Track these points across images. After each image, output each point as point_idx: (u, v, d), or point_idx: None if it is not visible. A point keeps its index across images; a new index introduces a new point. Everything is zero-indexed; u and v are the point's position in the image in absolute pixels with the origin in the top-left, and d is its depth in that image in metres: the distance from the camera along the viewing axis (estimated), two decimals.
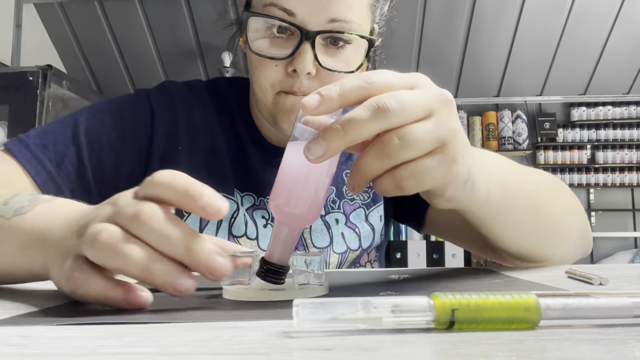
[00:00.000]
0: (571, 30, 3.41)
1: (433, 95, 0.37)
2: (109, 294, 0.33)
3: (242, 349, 0.23)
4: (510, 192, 0.51)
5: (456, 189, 0.40)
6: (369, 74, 0.36)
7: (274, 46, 0.61)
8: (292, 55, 0.59)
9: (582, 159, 3.94)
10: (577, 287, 0.43)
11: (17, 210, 0.42)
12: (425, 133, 0.35)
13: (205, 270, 0.33)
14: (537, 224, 0.56)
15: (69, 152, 0.64)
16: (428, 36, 3.45)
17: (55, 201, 0.44)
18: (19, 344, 0.24)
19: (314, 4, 0.58)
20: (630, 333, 0.25)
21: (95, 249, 0.32)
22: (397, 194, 0.37)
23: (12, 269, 0.41)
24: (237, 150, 0.73)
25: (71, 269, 0.33)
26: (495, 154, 0.55)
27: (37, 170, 0.62)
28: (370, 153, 0.36)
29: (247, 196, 0.71)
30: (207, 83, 0.78)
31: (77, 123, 0.66)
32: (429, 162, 0.36)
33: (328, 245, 0.72)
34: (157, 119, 0.70)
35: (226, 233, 0.69)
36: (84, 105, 2.89)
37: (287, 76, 0.61)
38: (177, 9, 3.37)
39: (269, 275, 0.38)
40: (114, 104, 0.70)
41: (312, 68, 0.60)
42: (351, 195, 0.75)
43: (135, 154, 0.68)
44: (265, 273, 0.38)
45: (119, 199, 0.35)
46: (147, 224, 0.32)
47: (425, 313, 0.26)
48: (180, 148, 0.70)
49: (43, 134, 0.65)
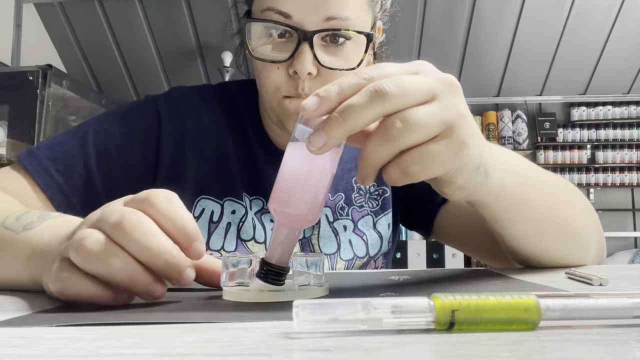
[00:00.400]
0: (571, 30, 3.41)
1: (436, 79, 0.36)
2: (98, 294, 0.34)
3: (242, 350, 0.23)
4: (525, 184, 0.49)
5: (468, 176, 0.39)
6: (367, 70, 0.36)
7: (274, 50, 0.62)
8: (292, 57, 0.60)
9: (582, 158, 3.94)
10: (577, 288, 0.43)
11: (27, 225, 0.45)
12: (429, 115, 0.35)
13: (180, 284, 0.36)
14: (553, 221, 0.53)
15: (78, 164, 0.65)
16: (428, 36, 3.45)
17: (62, 217, 0.46)
18: (19, 345, 0.24)
19: (308, 5, 0.59)
20: (630, 334, 0.25)
21: (79, 254, 0.33)
22: (404, 181, 0.36)
23: (18, 279, 0.43)
24: (246, 154, 0.73)
25: (59, 270, 0.35)
26: (504, 147, 0.53)
27: (47, 183, 0.63)
28: (373, 139, 0.35)
29: (255, 200, 0.72)
30: (216, 87, 0.78)
31: (86, 134, 0.67)
32: (436, 146, 0.35)
33: (335, 252, 0.72)
34: (165, 126, 0.70)
35: (234, 237, 0.69)
36: (84, 104, 2.91)
37: (290, 78, 0.61)
38: (177, 9, 3.37)
39: (269, 276, 0.38)
40: (121, 113, 0.71)
41: (313, 68, 0.60)
42: (360, 202, 0.75)
43: (143, 162, 0.69)
44: (265, 274, 0.38)
45: (107, 206, 0.37)
46: (130, 234, 0.34)
47: (425, 314, 0.26)
48: (187, 155, 0.70)
49: (53, 146, 0.66)
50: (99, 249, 0.33)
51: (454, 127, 0.36)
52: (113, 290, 0.35)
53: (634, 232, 3.88)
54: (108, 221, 0.34)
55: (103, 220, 0.35)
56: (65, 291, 0.34)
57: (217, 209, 0.70)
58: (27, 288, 0.43)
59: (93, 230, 0.34)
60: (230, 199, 0.70)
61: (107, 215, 0.35)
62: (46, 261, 0.38)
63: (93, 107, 2.99)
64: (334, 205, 0.74)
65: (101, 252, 0.33)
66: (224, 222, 0.69)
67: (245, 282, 0.38)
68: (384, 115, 0.35)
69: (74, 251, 0.34)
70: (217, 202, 0.70)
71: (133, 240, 0.34)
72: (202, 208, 0.69)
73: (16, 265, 0.43)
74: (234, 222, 0.70)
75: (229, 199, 0.70)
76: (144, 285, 0.34)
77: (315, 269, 0.39)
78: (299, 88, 0.61)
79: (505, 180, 0.45)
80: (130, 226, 0.34)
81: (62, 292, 0.34)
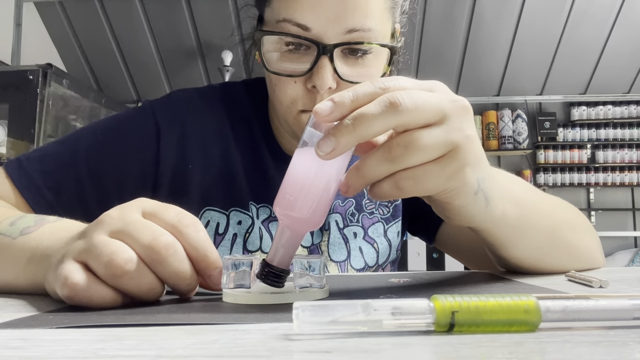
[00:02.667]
0: (571, 29, 3.41)
1: (449, 100, 0.36)
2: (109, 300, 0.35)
3: (242, 352, 0.23)
4: (527, 211, 0.49)
5: (465, 200, 0.39)
6: (383, 80, 0.36)
7: (291, 62, 0.58)
8: (311, 71, 0.57)
9: (582, 158, 3.94)
10: (577, 290, 0.43)
11: (23, 230, 0.44)
12: (434, 139, 0.35)
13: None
14: (555, 246, 0.53)
15: (69, 179, 0.63)
16: (428, 36, 3.45)
17: (61, 221, 0.46)
18: (19, 346, 0.24)
19: (328, 16, 0.55)
20: (630, 335, 0.25)
21: (109, 270, 0.34)
22: (396, 196, 0.36)
23: (18, 282, 0.43)
24: (254, 161, 0.70)
25: (68, 275, 0.34)
26: (510, 173, 0.52)
27: (37, 200, 0.61)
28: (375, 155, 0.35)
29: (263, 208, 0.69)
30: (221, 88, 0.74)
31: (79, 144, 0.65)
32: (432, 165, 0.35)
33: (345, 259, 0.70)
34: (164, 135, 0.67)
35: (241, 248, 0.68)
36: (84, 104, 2.91)
37: (308, 92, 0.59)
38: (177, 8, 3.37)
39: (269, 278, 0.38)
40: (116, 123, 0.68)
41: (333, 82, 0.57)
42: (370, 208, 0.73)
43: (140, 174, 0.66)
44: (265, 275, 0.38)
45: (127, 213, 0.37)
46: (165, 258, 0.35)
47: (425, 315, 0.26)
48: (190, 166, 0.67)
49: (44, 158, 0.63)
50: (132, 269, 0.34)
51: (457, 150, 0.36)
52: (121, 295, 0.35)
53: (634, 232, 3.88)
54: (139, 239, 0.34)
55: (132, 236, 0.35)
56: (75, 297, 0.34)
57: (222, 220, 0.67)
58: (26, 292, 0.43)
59: (121, 245, 0.34)
60: (236, 209, 0.68)
61: (136, 231, 0.35)
62: (49, 264, 0.38)
63: (93, 107, 2.99)
64: (345, 212, 0.71)
65: (134, 272, 0.34)
66: (230, 233, 0.67)
67: (246, 284, 0.38)
68: (395, 127, 0.35)
69: (103, 266, 0.33)
70: (223, 213, 0.67)
71: (167, 264, 0.35)
72: (208, 220, 0.67)
73: (15, 270, 0.43)
74: (240, 233, 0.67)
75: (234, 209, 0.68)
76: (158, 297, 0.37)
77: (316, 271, 0.39)
78: (316, 102, 0.58)
79: (507, 207, 0.45)
80: (165, 251, 0.35)
81: (72, 298, 0.34)
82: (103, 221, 0.36)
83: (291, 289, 0.39)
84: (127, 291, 0.35)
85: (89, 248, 0.34)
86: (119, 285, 0.34)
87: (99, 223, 0.36)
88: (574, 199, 3.94)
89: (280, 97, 0.60)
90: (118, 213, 0.36)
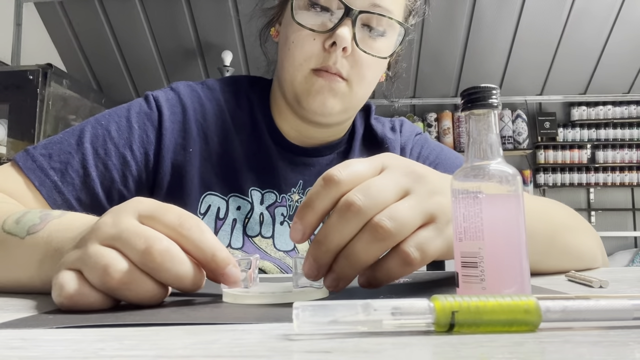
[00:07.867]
0: (571, 30, 3.41)
1: (402, 174, 0.38)
2: (107, 304, 0.35)
3: (242, 352, 0.23)
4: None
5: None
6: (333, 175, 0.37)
7: (315, 21, 0.64)
8: (333, 30, 0.63)
9: (582, 158, 3.94)
10: (577, 290, 0.43)
11: (30, 229, 0.44)
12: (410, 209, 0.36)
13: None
14: (555, 250, 0.54)
15: (74, 161, 0.64)
16: (428, 36, 3.45)
17: (65, 217, 0.45)
18: (19, 346, 0.24)
19: None
20: (630, 335, 0.25)
21: (104, 283, 0.33)
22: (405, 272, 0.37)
23: (32, 283, 0.43)
24: (257, 148, 0.72)
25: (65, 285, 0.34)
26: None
27: (42, 180, 0.62)
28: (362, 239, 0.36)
29: (268, 193, 0.72)
30: (223, 80, 0.77)
31: (83, 131, 0.66)
32: (426, 232, 0.37)
33: None
34: (166, 121, 0.69)
35: (241, 234, 0.69)
36: (84, 103, 2.91)
37: (323, 51, 0.64)
38: (177, 8, 3.37)
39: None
40: (120, 110, 0.70)
41: (350, 44, 0.62)
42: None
43: (144, 158, 0.68)
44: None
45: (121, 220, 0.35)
46: (161, 264, 0.34)
47: (425, 315, 0.26)
48: (190, 150, 0.69)
49: (49, 144, 0.65)
50: (128, 280, 0.33)
51: (436, 215, 0.37)
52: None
53: (634, 232, 3.88)
54: (134, 247, 0.34)
55: (126, 244, 0.34)
56: (75, 306, 0.34)
57: (222, 205, 0.69)
58: (39, 291, 0.43)
59: (115, 255, 0.34)
60: (235, 195, 0.70)
61: (130, 239, 0.34)
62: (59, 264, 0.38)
63: (93, 107, 2.99)
64: None
65: (130, 283, 0.33)
66: (230, 218, 0.69)
67: (246, 284, 0.38)
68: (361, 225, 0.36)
69: (98, 278, 0.33)
70: (222, 199, 0.70)
71: (165, 270, 0.34)
72: (208, 204, 0.69)
73: (28, 271, 0.43)
74: (240, 218, 0.70)
75: (233, 195, 0.70)
76: (160, 300, 0.36)
77: None
78: (330, 60, 0.63)
79: None
80: (160, 258, 0.34)
81: (72, 307, 0.34)
82: (98, 228, 0.35)
83: (291, 289, 0.39)
84: (126, 300, 0.35)
85: (83, 259, 0.34)
86: (116, 295, 0.34)
87: (94, 230, 0.35)
88: (574, 199, 3.94)
89: (294, 54, 0.65)
90: (112, 219, 0.35)
